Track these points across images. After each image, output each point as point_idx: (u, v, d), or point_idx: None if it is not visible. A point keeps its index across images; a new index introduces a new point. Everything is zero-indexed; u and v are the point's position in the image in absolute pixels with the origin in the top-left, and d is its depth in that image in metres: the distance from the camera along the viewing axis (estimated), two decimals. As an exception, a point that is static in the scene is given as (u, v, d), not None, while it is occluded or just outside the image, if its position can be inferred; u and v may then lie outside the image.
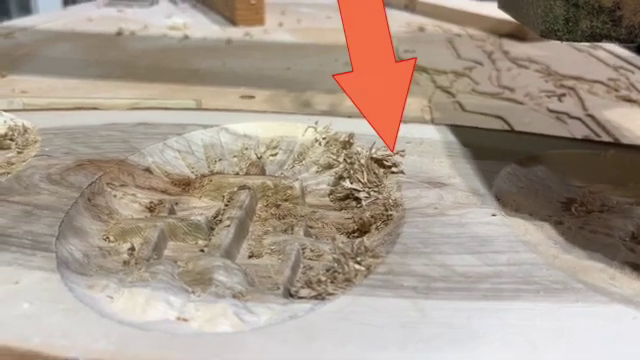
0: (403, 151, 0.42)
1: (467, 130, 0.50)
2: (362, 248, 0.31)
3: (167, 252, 0.34)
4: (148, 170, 0.41)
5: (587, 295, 0.28)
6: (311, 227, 0.37)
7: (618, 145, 0.50)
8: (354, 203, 0.40)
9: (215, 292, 0.28)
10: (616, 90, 0.70)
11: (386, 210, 0.36)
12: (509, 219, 0.35)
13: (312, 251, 0.34)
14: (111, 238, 0.34)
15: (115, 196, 0.38)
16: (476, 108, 0.62)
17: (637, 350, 0.25)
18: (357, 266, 0.30)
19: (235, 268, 0.30)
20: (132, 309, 0.27)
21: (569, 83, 0.72)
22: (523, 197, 0.39)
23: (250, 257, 0.34)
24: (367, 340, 0.25)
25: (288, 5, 1.30)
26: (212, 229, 0.35)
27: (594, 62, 0.84)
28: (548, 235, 0.35)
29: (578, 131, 0.56)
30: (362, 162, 0.40)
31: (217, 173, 0.43)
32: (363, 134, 0.43)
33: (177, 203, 0.39)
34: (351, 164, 0.41)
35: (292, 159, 0.46)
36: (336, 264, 0.30)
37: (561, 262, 0.32)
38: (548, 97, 0.67)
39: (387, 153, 0.41)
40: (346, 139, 0.45)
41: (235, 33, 1.00)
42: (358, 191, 0.39)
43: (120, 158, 0.41)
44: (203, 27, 1.06)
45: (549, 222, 0.36)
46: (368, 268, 0.30)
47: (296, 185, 0.40)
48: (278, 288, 0.29)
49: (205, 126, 0.47)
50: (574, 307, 0.27)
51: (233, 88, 0.67)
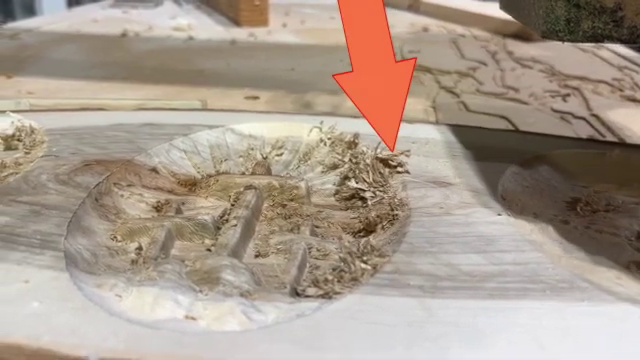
0: (408, 151, 0.42)
1: (472, 130, 0.50)
2: (368, 247, 0.31)
3: (174, 251, 0.34)
4: (154, 170, 0.42)
5: (593, 294, 0.28)
6: (317, 227, 0.37)
7: (623, 145, 0.50)
8: (360, 203, 0.40)
9: (223, 291, 0.28)
10: (620, 90, 0.70)
11: (392, 210, 0.36)
12: (514, 219, 0.35)
13: (318, 250, 0.34)
14: (118, 238, 0.35)
15: (122, 196, 0.38)
16: (480, 108, 0.62)
17: (643, 349, 0.25)
18: (363, 265, 0.30)
19: (242, 267, 0.30)
20: (140, 308, 0.27)
21: (573, 83, 0.72)
22: (528, 197, 0.39)
23: (257, 256, 0.34)
24: (374, 339, 0.25)
25: (292, 6, 1.30)
26: (219, 229, 0.36)
27: (598, 62, 0.84)
28: (554, 235, 0.35)
29: (583, 131, 0.56)
30: (367, 162, 0.41)
31: (223, 173, 0.44)
32: (368, 134, 0.43)
33: (184, 203, 0.39)
34: (356, 164, 0.41)
35: (297, 159, 0.46)
36: (342, 263, 0.30)
37: (567, 261, 0.32)
38: (552, 97, 0.67)
39: (392, 153, 0.41)
40: (351, 139, 0.45)
41: (239, 34, 1.01)
42: (364, 191, 0.39)
43: (127, 158, 0.41)
44: (207, 28, 1.06)
45: (555, 222, 0.36)
46: (374, 267, 0.30)
47: (302, 185, 0.40)
48: (285, 287, 0.30)
49: (211, 126, 0.47)
50: (580, 306, 0.27)
51: (238, 89, 0.67)
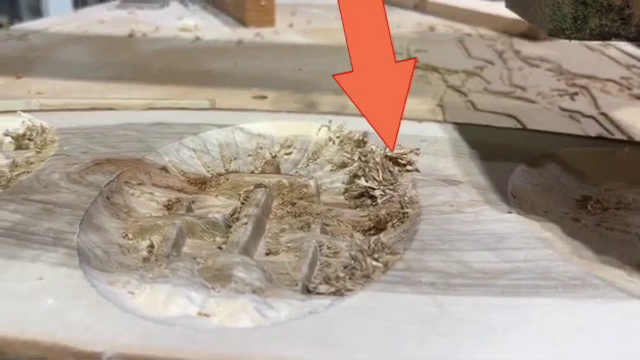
0: (418, 149, 0.42)
1: (481, 129, 0.50)
2: (379, 245, 0.31)
3: (185, 249, 0.34)
4: (165, 169, 0.42)
5: (605, 291, 0.28)
6: (327, 225, 0.37)
7: (632, 143, 0.50)
8: (369, 201, 0.40)
9: (235, 288, 0.28)
10: (629, 88, 0.70)
11: (402, 208, 0.36)
12: (525, 216, 0.35)
13: (329, 248, 0.34)
14: (130, 235, 0.35)
15: (133, 194, 0.38)
16: (488, 107, 0.62)
17: (657, 345, 0.25)
18: (375, 262, 0.30)
19: (254, 265, 0.30)
20: (153, 305, 0.27)
21: (581, 82, 0.72)
22: (538, 195, 0.39)
23: (267, 254, 0.34)
24: (387, 335, 0.25)
25: (298, 6, 1.31)
26: (229, 227, 0.36)
27: (606, 61, 0.84)
28: (564, 232, 0.35)
29: (591, 129, 0.56)
30: (377, 160, 0.41)
31: (233, 172, 0.44)
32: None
33: (194, 201, 0.39)
34: (366, 162, 0.41)
35: (306, 158, 0.46)
36: (353, 261, 0.31)
37: (578, 259, 0.32)
38: (560, 96, 0.67)
39: (402, 151, 0.41)
40: (360, 138, 0.45)
41: (246, 34, 1.01)
42: (373, 189, 0.39)
43: (137, 157, 0.41)
44: (214, 28, 1.06)
45: (565, 219, 0.36)
46: (386, 265, 0.30)
47: (311, 183, 0.40)
48: (296, 285, 0.30)
49: (220, 126, 0.47)
50: (593, 303, 0.27)
51: (245, 89, 0.68)
